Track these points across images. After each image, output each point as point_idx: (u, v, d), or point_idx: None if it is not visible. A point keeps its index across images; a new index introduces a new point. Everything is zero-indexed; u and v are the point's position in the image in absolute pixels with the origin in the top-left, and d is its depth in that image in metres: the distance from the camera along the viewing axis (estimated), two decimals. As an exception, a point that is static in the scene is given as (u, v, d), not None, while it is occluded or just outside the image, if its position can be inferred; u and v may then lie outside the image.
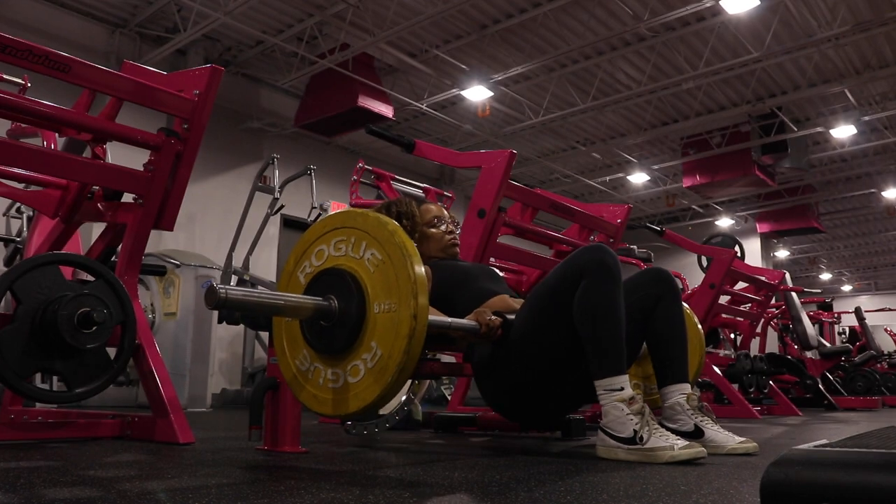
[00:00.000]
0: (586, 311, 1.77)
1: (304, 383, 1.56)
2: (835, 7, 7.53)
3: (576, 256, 1.84)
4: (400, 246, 1.45)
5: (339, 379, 1.49)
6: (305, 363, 1.57)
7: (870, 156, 11.89)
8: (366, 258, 1.51)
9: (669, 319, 2.06)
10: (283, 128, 9.31)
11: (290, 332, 1.62)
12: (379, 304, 1.45)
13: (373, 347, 1.44)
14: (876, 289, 21.46)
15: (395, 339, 1.40)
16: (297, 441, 1.87)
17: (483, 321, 1.80)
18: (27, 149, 2.00)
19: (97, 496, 1.11)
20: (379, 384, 1.42)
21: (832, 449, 0.84)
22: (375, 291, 1.47)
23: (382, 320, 1.44)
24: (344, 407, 1.48)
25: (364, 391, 1.44)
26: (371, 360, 1.43)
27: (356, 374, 1.46)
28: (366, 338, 1.46)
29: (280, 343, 1.64)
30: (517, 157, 3.06)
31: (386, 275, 1.46)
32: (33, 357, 1.77)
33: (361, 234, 1.54)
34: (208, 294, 1.31)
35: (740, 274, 5.16)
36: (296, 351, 1.60)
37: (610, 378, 1.74)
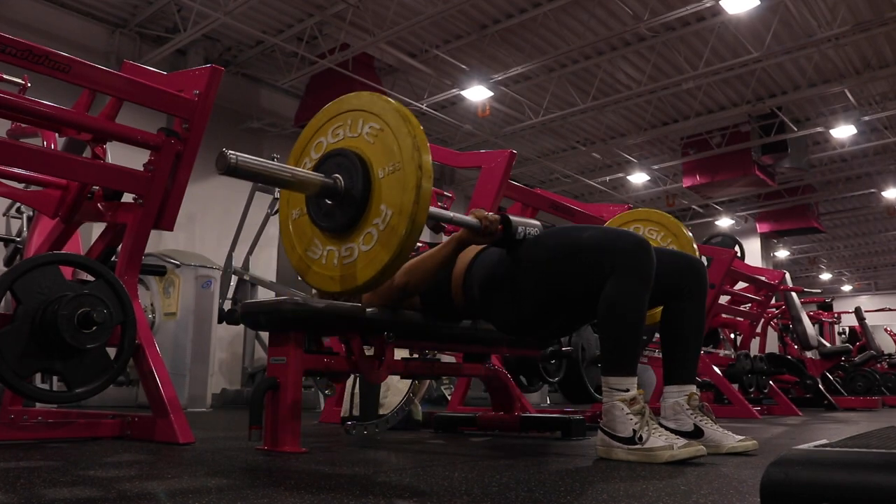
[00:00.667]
0: (614, 308, 1.75)
1: (311, 265, 1.60)
2: (835, 7, 7.53)
3: (620, 238, 1.80)
4: (397, 110, 1.50)
5: (350, 253, 1.53)
6: (315, 250, 1.61)
7: (870, 156, 11.90)
8: (364, 133, 1.56)
9: (694, 318, 1.99)
10: (283, 128, 9.31)
11: (298, 228, 1.69)
12: (383, 168, 1.49)
13: (382, 211, 1.48)
14: (876, 289, 21.46)
15: (403, 192, 1.45)
16: (297, 441, 1.87)
17: (481, 215, 1.81)
18: (27, 149, 1.99)
19: (97, 496, 1.11)
20: (388, 249, 1.47)
21: (832, 449, 0.84)
22: (378, 159, 1.51)
23: (388, 182, 1.49)
24: (352, 281, 1.52)
25: (375, 257, 1.49)
26: (382, 222, 1.47)
27: (368, 241, 1.51)
28: (373, 206, 1.51)
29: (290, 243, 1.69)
30: (517, 157, 3.06)
31: (386, 141, 1.51)
32: (33, 357, 1.77)
33: (357, 114, 1.60)
34: (220, 160, 1.36)
35: (740, 274, 5.16)
36: (303, 241, 1.65)
37: (619, 377, 1.74)
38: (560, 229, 1.95)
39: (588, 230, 1.89)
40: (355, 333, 2.02)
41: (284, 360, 1.87)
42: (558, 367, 2.80)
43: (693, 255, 2.15)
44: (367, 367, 2.04)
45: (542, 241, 1.89)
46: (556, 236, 1.89)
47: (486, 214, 1.82)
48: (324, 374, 2.36)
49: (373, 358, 2.07)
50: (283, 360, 1.88)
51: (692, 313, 1.99)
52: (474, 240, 1.86)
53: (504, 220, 1.85)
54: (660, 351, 2.10)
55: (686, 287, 1.98)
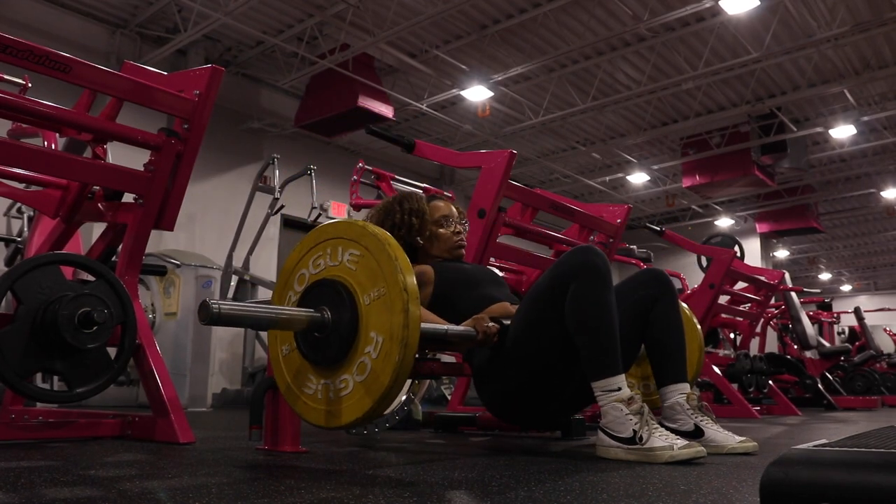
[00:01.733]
0: (578, 315, 1.77)
1: (300, 395, 1.57)
2: (834, 7, 7.53)
3: (563, 260, 1.84)
4: (375, 235, 1.48)
5: (344, 386, 1.49)
6: (305, 382, 1.57)
7: (869, 156, 11.90)
8: (345, 260, 1.52)
9: (667, 320, 2.05)
10: (283, 128, 9.31)
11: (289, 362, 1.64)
12: (367, 295, 1.47)
13: (373, 338, 1.44)
14: (875, 289, 21.46)
15: (392, 315, 1.41)
16: (297, 441, 1.87)
17: (480, 328, 1.80)
18: (28, 149, 2.00)
19: (97, 496, 1.11)
20: (373, 392, 1.43)
21: (832, 449, 0.84)
22: (362, 285, 1.48)
23: (376, 307, 1.45)
24: (336, 419, 1.49)
25: (363, 397, 1.45)
26: (374, 350, 1.44)
27: (361, 372, 1.46)
28: (362, 337, 1.46)
29: (276, 358, 1.65)
30: (517, 157, 3.06)
31: (368, 266, 1.48)
32: (34, 357, 1.77)
33: (335, 242, 1.56)
34: (201, 310, 1.32)
35: (740, 274, 5.16)
36: (291, 371, 1.61)
37: (606, 379, 1.74)
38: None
39: (541, 277, 1.93)
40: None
41: (285, 360, 1.87)
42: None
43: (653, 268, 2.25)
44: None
45: (514, 322, 1.91)
46: (520, 307, 1.93)
47: (485, 326, 1.80)
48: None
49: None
50: (283, 361, 1.87)
51: (664, 313, 2.05)
52: (471, 346, 1.87)
53: (503, 331, 1.85)
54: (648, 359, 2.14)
55: (653, 294, 2.07)
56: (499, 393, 1.99)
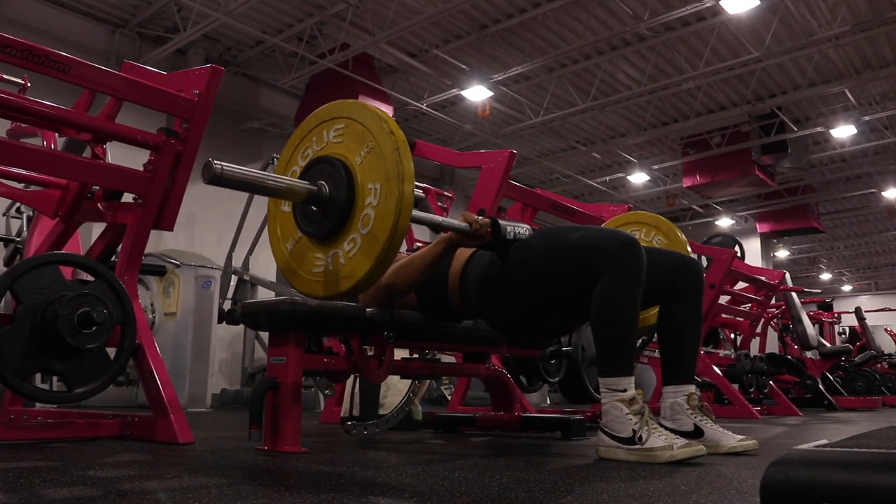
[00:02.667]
0: (607, 308, 1.75)
1: (298, 269, 1.62)
2: (835, 7, 7.53)
3: (609, 238, 1.80)
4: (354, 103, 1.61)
5: (336, 258, 1.55)
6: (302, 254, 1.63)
7: (870, 156, 11.89)
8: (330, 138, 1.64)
9: (690, 318, 1.99)
10: (283, 128, 9.31)
11: (285, 225, 1.70)
12: (359, 155, 1.56)
13: (371, 189, 1.53)
14: (876, 289, 21.45)
15: (386, 199, 1.49)
16: (297, 441, 1.87)
17: (471, 219, 1.82)
18: (27, 149, 1.99)
19: (97, 496, 1.11)
20: (370, 255, 1.49)
21: (832, 449, 0.84)
22: (351, 150, 1.60)
23: (368, 161, 1.54)
24: (335, 286, 1.54)
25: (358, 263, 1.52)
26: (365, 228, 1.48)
27: (352, 246, 1.52)
28: (357, 213, 1.54)
29: (275, 235, 1.70)
30: (517, 157, 3.06)
31: (354, 131, 1.58)
32: (33, 357, 1.76)
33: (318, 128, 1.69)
34: (205, 169, 1.38)
35: (740, 274, 5.16)
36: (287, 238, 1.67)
37: (616, 378, 1.74)
38: (549, 230, 1.95)
39: (577, 231, 1.89)
40: (355, 333, 2.02)
41: (284, 360, 1.88)
42: (558, 367, 2.80)
43: (688, 255, 2.17)
44: (366, 367, 2.04)
45: (532, 242, 1.89)
46: (546, 237, 1.90)
47: (475, 218, 1.82)
48: (324, 374, 2.36)
49: (373, 358, 2.07)
50: (283, 360, 1.88)
51: (689, 313, 1.99)
52: (464, 243, 1.87)
53: (493, 223, 1.85)
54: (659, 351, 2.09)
55: (682, 286, 1.99)
56: (503, 309, 1.96)
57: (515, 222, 1.92)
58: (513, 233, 1.88)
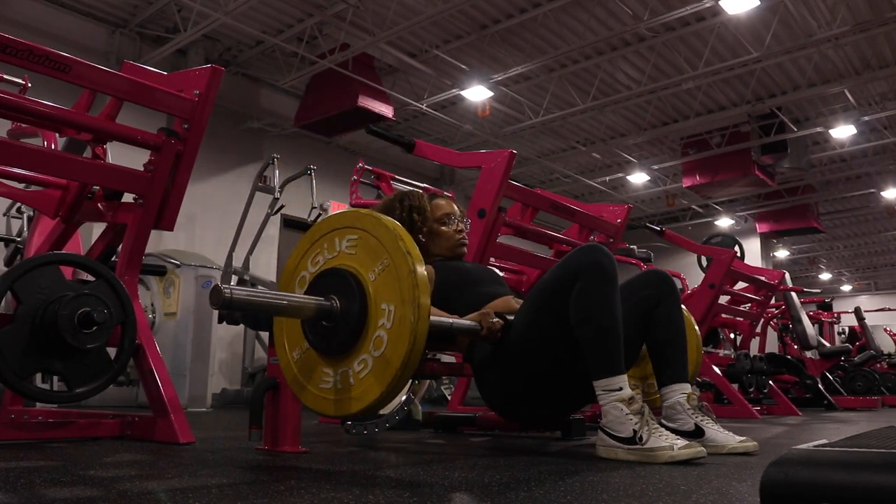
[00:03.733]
0: (583, 313, 1.76)
1: (306, 383, 1.56)
2: (834, 7, 7.53)
3: (571, 257, 1.83)
4: (368, 215, 1.50)
5: (342, 379, 1.48)
6: (313, 372, 1.56)
7: (870, 156, 11.89)
8: (343, 248, 1.55)
9: (670, 322, 2.06)
10: (283, 128, 9.31)
11: (291, 332, 1.62)
12: (372, 271, 1.48)
13: (384, 310, 1.43)
14: (876, 289, 21.45)
15: (400, 280, 1.40)
16: (297, 441, 1.87)
17: (485, 323, 1.80)
18: (27, 149, 2.00)
19: (97, 496, 1.11)
20: (381, 383, 1.42)
21: (832, 449, 0.84)
22: (364, 265, 1.49)
23: (382, 280, 1.46)
24: (346, 407, 1.48)
25: (371, 386, 1.44)
26: (388, 320, 1.42)
27: (359, 372, 1.45)
28: (372, 314, 1.46)
29: (281, 344, 1.64)
30: (517, 157, 3.06)
31: (368, 245, 1.50)
32: (33, 357, 1.77)
33: (330, 235, 1.58)
34: (213, 294, 1.31)
35: (740, 274, 5.16)
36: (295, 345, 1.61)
37: (608, 378, 1.74)
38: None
39: (545, 275, 1.93)
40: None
41: (284, 360, 1.87)
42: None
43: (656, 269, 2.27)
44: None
45: (518, 313, 1.91)
46: (526, 301, 1.93)
47: (490, 321, 1.81)
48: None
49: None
50: (283, 361, 1.87)
51: (668, 314, 2.06)
52: (475, 340, 1.88)
53: (506, 326, 1.85)
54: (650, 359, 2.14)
55: (656, 295, 2.07)
56: (499, 389, 1.98)
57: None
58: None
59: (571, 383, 1.92)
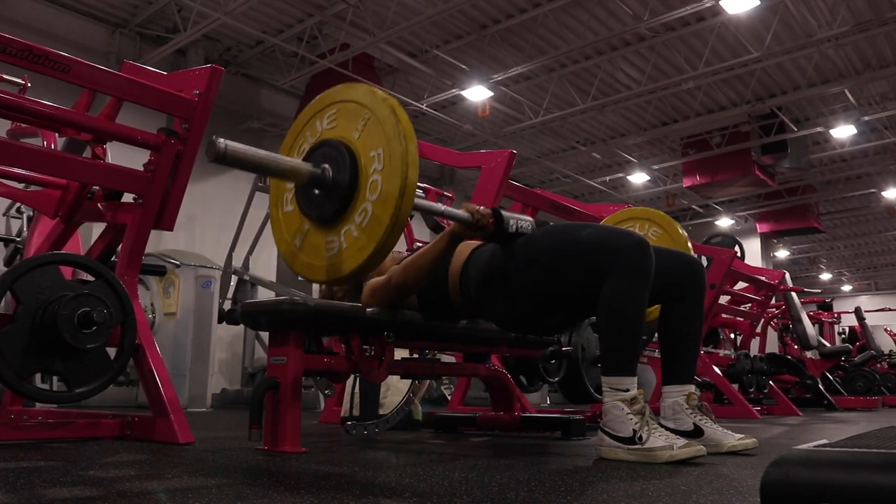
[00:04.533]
0: (613, 307, 1.74)
1: (298, 253, 1.61)
2: (835, 7, 7.53)
3: (619, 237, 1.79)
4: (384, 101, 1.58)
5: (337, 243, 1.54)
6: (303, 238, 1.63)
7: (870, 156, 11.90)
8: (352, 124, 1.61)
9: (692, 318, 1.98)
10: (283, 128, 9.30)
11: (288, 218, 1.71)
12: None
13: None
14: (876, 289, 21.45)
15: (389, 182, 1.47)
16: (297, 441, 1.87)
17: (472, 209, 1.81)
18: (27, 149, 1.99)
19: (97, 496, 1.11)
20: (373, 238, 1.49)
21: (832, 449, 0.84)
22: (365, 150, 1.54)
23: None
24: (338, 270, 1.53)
25: (361, 247, 1.52)
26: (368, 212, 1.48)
27: (355, 230, 1.52)
28: (360, 197, 1.53)
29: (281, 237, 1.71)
30: (517, 157, 3.06)
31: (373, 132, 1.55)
32: (33, 357, 1.77)
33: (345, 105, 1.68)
34: (210, 147, 1.37)
35: (740, 274, 5.16)
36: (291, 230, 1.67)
37: (619, 377, 1.74)
38: (556, 227, 1.94)
39: (585, 228, 1.88)
40: (355, 333, 2.02)
41: (284, 360, 1.87)
42: (558, 367, 2.80)
43: (691, 255, 2.15)
44: (367, 367, 2.04)
45: (538, 238, 1.87)
46: (553, 234, 1.88)
47: (477, 208, 1.81)
48: (324, 374, 2.36)
49: (373, 358, 2.07)
50: (283, 360, 1.88)
51: (690, 313, 1.98)
52: (466, 234, 1.85)
53: (495, 213, 1.85)
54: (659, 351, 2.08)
55: (684, 285, 1.97)
56: (507, 307, 1.94)
57: (518, 215, 1.90)
58: (515, 225, 1.86)
59: (582, 303, 1.89)
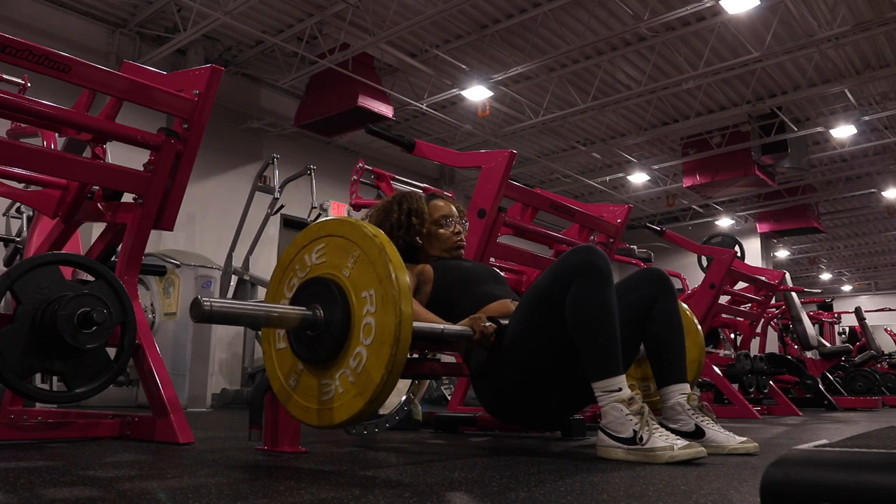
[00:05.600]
0: (578, 315, 1.75)
1: (292, 394, 1.56)
2: (835, 7, 7.53)
3: (564, 259, 1.82)
4: (367, 235, 1.47)
5: (331, 387, 1.49)
6: (296, 380, 1.57)
7: (870, 156, 11.90)
8: (346, 262, 1.51)
9: (667, 320, 2.04)
10: (283, 128, 9.32)
11: (281, 358, 1.63)
12: (360, 296, 1.46)
13: (363, 341, 1.43)
14: (876, 289, 21.45)
15: (385, 315, 1.40)
16: (297, 441, 1.87)
17: (477, 327, 1.80)
18: (27, 149, 1.99)
19: (97, 496, 1.11)
20: (366, 391, 1.42)
21: (832, 449, 0.84)
22: (355, 284, 1.48)
23: (367, 308, 1.45)
24: (329, 418, 1.48)
25: (355, 397, 1.44)
26: (365, 351, 1.42)
27: (351, 374, 1.45)
28: (354, 336, 1.46)
29: (275, 374, 1.64)
30: (517, 157, 3.06)
31: (362, 267, 1.47)
32: (33, 357, 1.77)
33: (331, 239, 1.56)
34: (193, 308, 1.30)
35: (740, 274, 5.16)
36: (284, 369, 1.61)
37: (607, 379, 1.73)
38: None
39: (539, 278, 1.91)
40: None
41: (284, 360, 1.87)
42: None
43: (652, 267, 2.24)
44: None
45: (513, 321, 1.89)
46: (519, 307, 1.91)
47: (482, 326, 1.80)
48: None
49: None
50: (283, 361, 1.87)
51: (664, 313, 2.04)
52: (468, 346, 1.87)
53: (499, 330, 1.84)
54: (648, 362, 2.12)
55: (652, 294, 2.05)
56: (497, 392, 1.98)
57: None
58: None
59: (569, 385, 1.91)
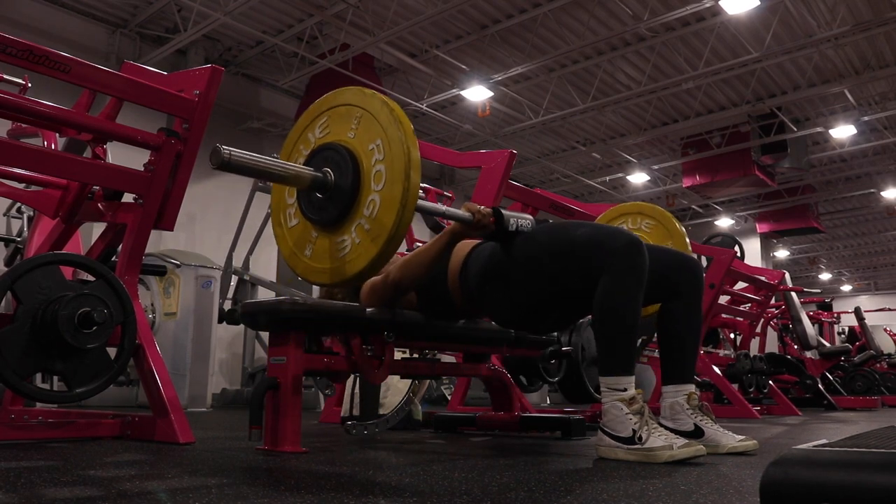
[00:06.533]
0: (607, 309, 1.75)
1: (302, 257, 1.63)
2: (834, 7, 7.53)
3: (613, 237, 1.78)
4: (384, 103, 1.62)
5: (341, 246, 1.58)
6: (306, 242, 1.65)
7: (870, 156, 11.90)
8: (353, 127, 1.64)
9: (690, 317, 1.98)
10: (284, 128, 9.31)
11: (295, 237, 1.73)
12: (371, 162, 1.55)
13: (371, 203, 1.51)
14: (876, 289, 21.45)
15: (392, 185, 1.49)
16: (297, 441, 1.87)
17: (473, 209, 1.82)
18: (27, 149, 1.99)
19: (97, 496, 1.11)
20: (377, 241, 1.51)
21: (832, 449, 0.84)
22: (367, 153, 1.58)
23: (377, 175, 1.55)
24: (341, 273, 1.55)
25: (364, 250, 1.53)
26: (371, 215, 1.53)
27: (358, 234, 1.56)
28: (362, 199, 1.55)
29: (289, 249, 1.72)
30: (517, 157, 3.06)
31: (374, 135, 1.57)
32: (34, 357, 1.77)
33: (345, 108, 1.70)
34: (213, 154, 1.40)
35: (740, 274, 5.16)
36: (294, 233, 1.70)
37: (617, 377, 1.74)
38: (554, 225, 1.95)
39: (581, 227, 1.89)
40: (355, 333, 2.03)
41: (284, 360, 1.88)
42: (558, 367, 2.80)
43: (688, 254, 2.17)
44: (367, 367, 2.04)
45: (536, 236, 1.89)
46: (550, 232, 1.90)
47: (478, 208, 1.83)
48: (324, 374, 2.36)
49: (373, 358, 2.07)
50: (283, 360, 1.88)
51: (688, 312, 1.99)
52: (467, 233, 1.87)
53: (496, 212, 1.86)
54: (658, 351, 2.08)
55: (681, 285, 1.98)
56: (506, 303, 1.95)
57: (519, 214, 1.91)
58: (515, 224, 1.88)
59: (577, 301, 1.90)
